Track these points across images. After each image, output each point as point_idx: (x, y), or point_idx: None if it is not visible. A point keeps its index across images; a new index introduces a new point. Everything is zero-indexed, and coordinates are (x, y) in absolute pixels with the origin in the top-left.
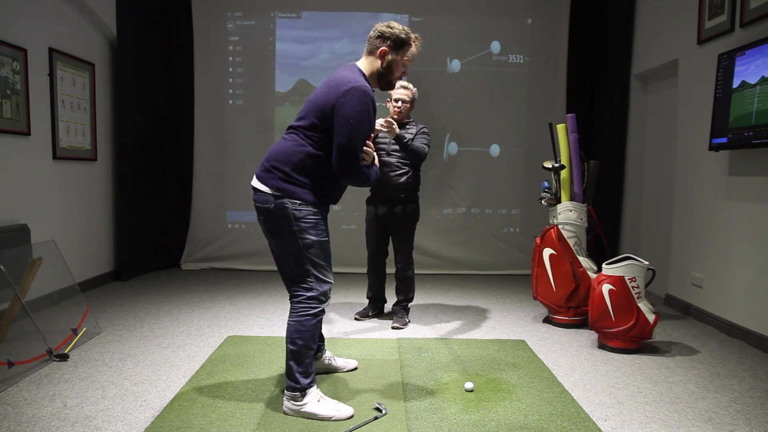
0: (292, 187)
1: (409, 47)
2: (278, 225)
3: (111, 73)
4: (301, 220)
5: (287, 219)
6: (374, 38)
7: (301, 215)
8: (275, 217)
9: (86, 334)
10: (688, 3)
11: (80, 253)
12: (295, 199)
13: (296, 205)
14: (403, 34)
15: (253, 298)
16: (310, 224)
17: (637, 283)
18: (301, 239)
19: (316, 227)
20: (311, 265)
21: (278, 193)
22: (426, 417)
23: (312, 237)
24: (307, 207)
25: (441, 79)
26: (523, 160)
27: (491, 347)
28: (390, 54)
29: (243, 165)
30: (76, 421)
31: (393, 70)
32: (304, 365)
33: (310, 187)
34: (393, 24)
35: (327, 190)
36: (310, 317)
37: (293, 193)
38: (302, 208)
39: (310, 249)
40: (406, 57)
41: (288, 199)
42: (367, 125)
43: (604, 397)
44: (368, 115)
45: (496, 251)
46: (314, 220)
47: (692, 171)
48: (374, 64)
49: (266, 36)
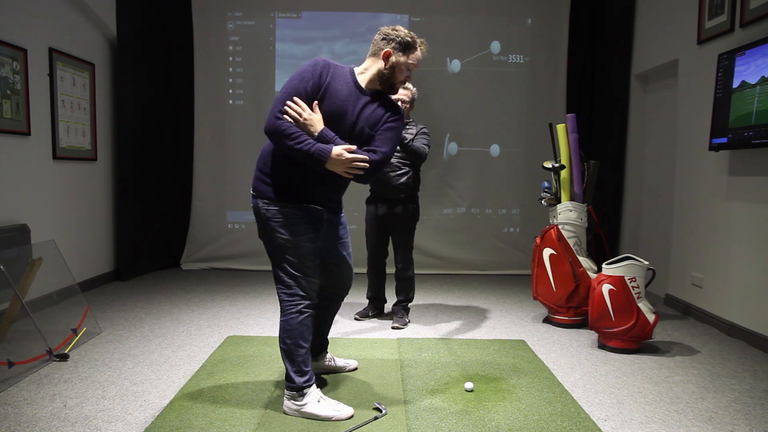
0: (262, 185)
1: (414, 51)
2: (259, 225)
3: (111, 73)
4: (270, 220)
5: (260, 218)
6: (379, 40)
7: (270, 214)
8: (256, 216)
9: (86, 334)
10: (688, 3)
11: (80, 253)
12: (264, 198)
13: (265, 204)
14: (408, 38)
15: (253, 298)
16: (279, 223)
17: (637, 283)
18: (274, 238)
19: (289, 226)
20: (287, 264)
21: (254, 193)
22: (426, 417)
23: (284, 236)
24: (274, 205)
25: (441, 79)
26: (523, 160)
27: (491, 347)
28: (394, 56)
29: (243, 165)
30: (76, 421)
31: (396, 73)
32: (296, 364)
33: (276, 182)
34: (399, 28)
35: (294, 184)
36: (296, 314)
37: (262, 192)
38: (270, 207)
39: (283, 248)
40: (411, 61)
41: (260, 199)
42: (296, 81)
43: (604, 397)
44: (304, 75)
45: (496, 251)
46: (282, 219)
47: (692, 171)
48: (378, 65)
49: (266, 36)
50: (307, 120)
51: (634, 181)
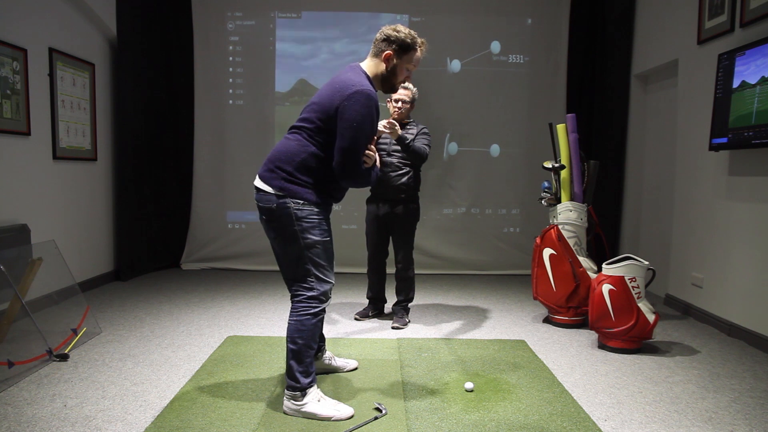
0: (295, 186)
1: (414, 52)
2: (280, 225)
3: (111, 73)
4: (303, 220)
5: (289, 219)
6: (380, 41)
7: (303, 215)
8: (277, 216)
9: (86, 334)
10: (688, 3)
11: (80, 253)
12: (297, 199)
13: (299, 205)
14: (409, 39)
15: (253, 298)
16: (312, 224)
17: (637, 283)
18: (302, 239)
19: (319, 227)
20: (312, 265)
21: (281, 193)
22: (426, 417)
23: (314, 237)
24: (310, 207)
25: (441, 79)
26: (523, 160)
27: (491, 347)
28: (395, 58)
29: (243, 165)
30: (76, 421)
31: (397, 74)
32: (304, 364)
33: (313, 186)
34: (400, 28)
35: (329, 190)
36: (311, 316)
37: (296, 193)
38: (304, 208)
39: (311, 249)
40: (410, 62)
41: (290, 199)
42: (369, 128)
43: (604, 397)
44: (371, 119)
45: (496, 251)
46: (316, 220)
47: (692, 171)
48: (379, 66)
49: (266, 36)
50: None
51: (634, 181)
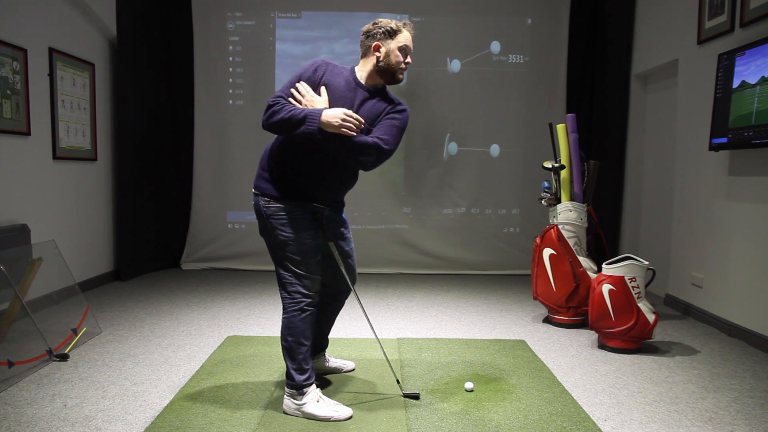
0: (263, 182)
1: (400, 32)
2: (260, 223)
3: (111, 73)
4: (271, 218)
5: (261, 217)
6: (364, 40)
7: (270, 212)
8: (257, 214)
9: (86, 334)
10: (688, 3)
11: (80, 253)
12: (264, 196)
13: (266, 203)
14: (391, 24)
15: (253, 298)
16: (281, 221)
17: (637, 283)
18: (275, 236)
19: (291, 223)
20: (288, 261)
21: (256, 191)
22: (426, 417)
23: (285, 233)
24: (275, 203)
25: (441, 79)
26: (523, 160)
27: (491, 347)
28: (383, 46)
29: (243, 165)
30: (76, 421)
31: (391, 58)
32: (297, 362)
33: (277, 180)
34: (378, 20)
35: (292, 179)
36: (298, 312)
37: (263, 190)
38: (270, 205)
39: (285, 246)
40: (402, 42)
41: (261, 197)
42: (294, 77)
43: (604, 397)
44: (301, 71)
45: (496, 251)
46: (285, 217)
47: (692, 171)
48: (371, 60)
49: (266, 36)
50: (308, 101)
51: (634, 181)
